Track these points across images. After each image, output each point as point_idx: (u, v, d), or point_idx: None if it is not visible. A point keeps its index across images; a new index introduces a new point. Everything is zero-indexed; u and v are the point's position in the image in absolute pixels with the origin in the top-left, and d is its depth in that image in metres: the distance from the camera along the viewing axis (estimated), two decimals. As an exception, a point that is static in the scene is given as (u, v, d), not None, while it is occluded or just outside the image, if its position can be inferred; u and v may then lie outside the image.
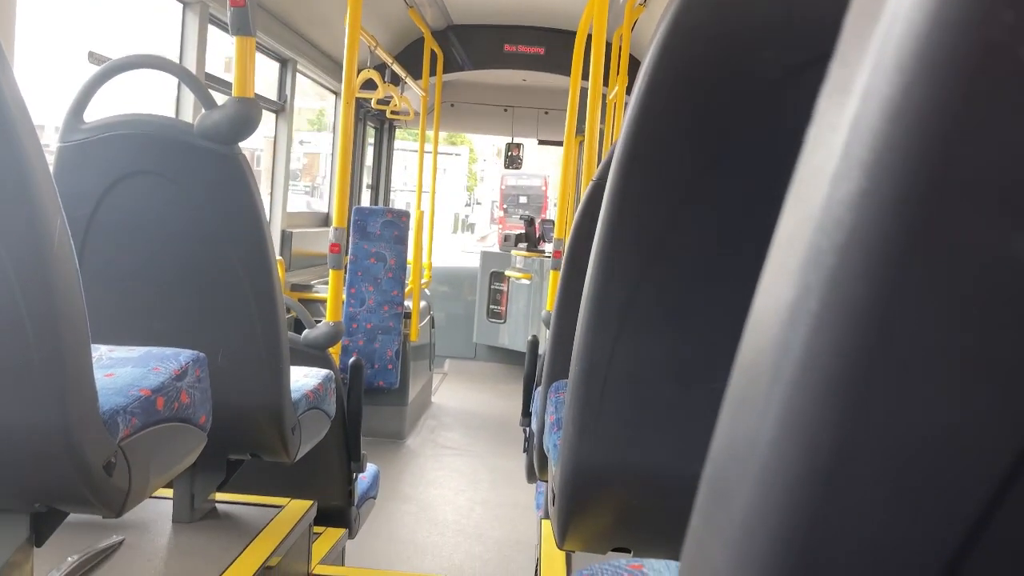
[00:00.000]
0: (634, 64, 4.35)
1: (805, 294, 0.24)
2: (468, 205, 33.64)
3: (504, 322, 6.53)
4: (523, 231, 6.85)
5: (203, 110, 1.86)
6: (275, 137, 4.43)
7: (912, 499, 0.22)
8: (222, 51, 3.60)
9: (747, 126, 0.95)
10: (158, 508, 2.01)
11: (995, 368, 0.21)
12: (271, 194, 4.45)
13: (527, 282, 6.29)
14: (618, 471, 1.12)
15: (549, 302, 3.25)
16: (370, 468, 2.90)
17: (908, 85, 0.20)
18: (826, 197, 0.23)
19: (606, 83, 4.25)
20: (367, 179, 6.21)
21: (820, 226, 0.23)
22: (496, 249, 6.99)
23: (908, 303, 0.22)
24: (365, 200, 6.21)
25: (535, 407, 2.37)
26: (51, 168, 1.81)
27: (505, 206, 21.68)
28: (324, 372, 2.29)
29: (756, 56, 0.93)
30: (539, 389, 2.23)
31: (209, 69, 3.36)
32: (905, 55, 0.20)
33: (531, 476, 2.60)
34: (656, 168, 1.01)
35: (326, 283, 3.38)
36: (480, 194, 34.52)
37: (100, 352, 1.47)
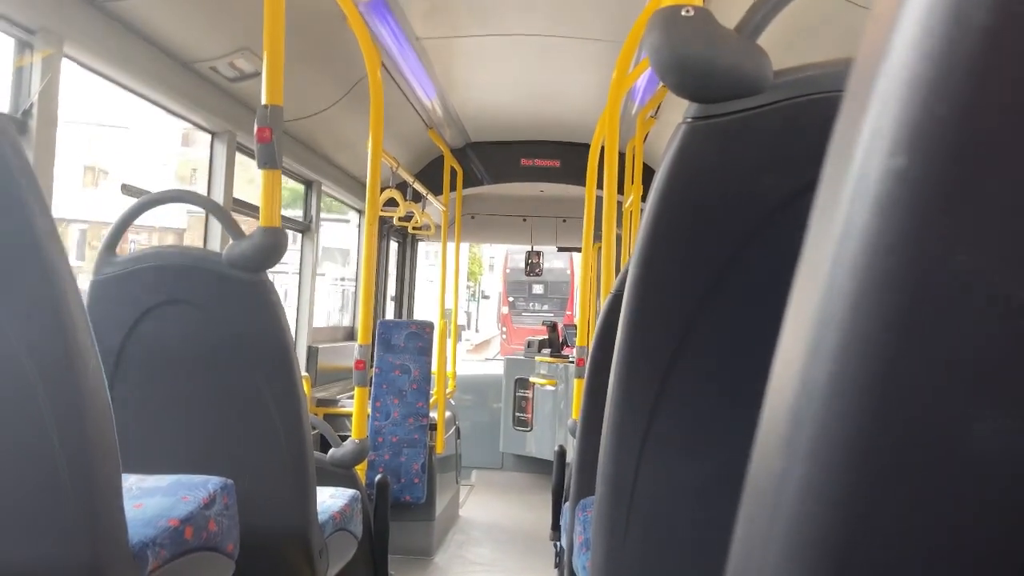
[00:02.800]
0: (647, 172, 4.47)
1: (791, 465, 0.26)
2: (473, 298, 27.30)
3: (530, 430, 6.47)
4: (545, 336, 6.87)
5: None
6: (301, 256, 4.54)
7: None
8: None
9: (752, 249, 0.99)
10: None
11: (968, 540, 0.23)
12: (297, 310, 4.52)
13: (552, 388, 6.26)
14: None
15: (575, 410, 3.24)
16: None
17: (862, 290, 0.23)
18: (802, 376, 0.25)
19: (621, 192, 4.36)
20: (391, 291, 6.31)
21: (797, 403, 0.25)
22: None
23: (882, 473, 0.24)
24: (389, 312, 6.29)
25: (564, 522, 2.34)
26: (84, 302, 1.87)
27: (511, 298, 15.92)
28: (350, 492, 2.28)
29: (756, 182, 0.97)
30: (567, 504, 2.21)
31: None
32: (858, 268, 0.23)
33: None
34: (667, 290, 1.04)
35: (352, 397, 3.40)
36: (488, 285, 27.75)
37: (129, 482, 1.49)
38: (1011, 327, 0.22)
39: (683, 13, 0.96)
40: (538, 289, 15.47)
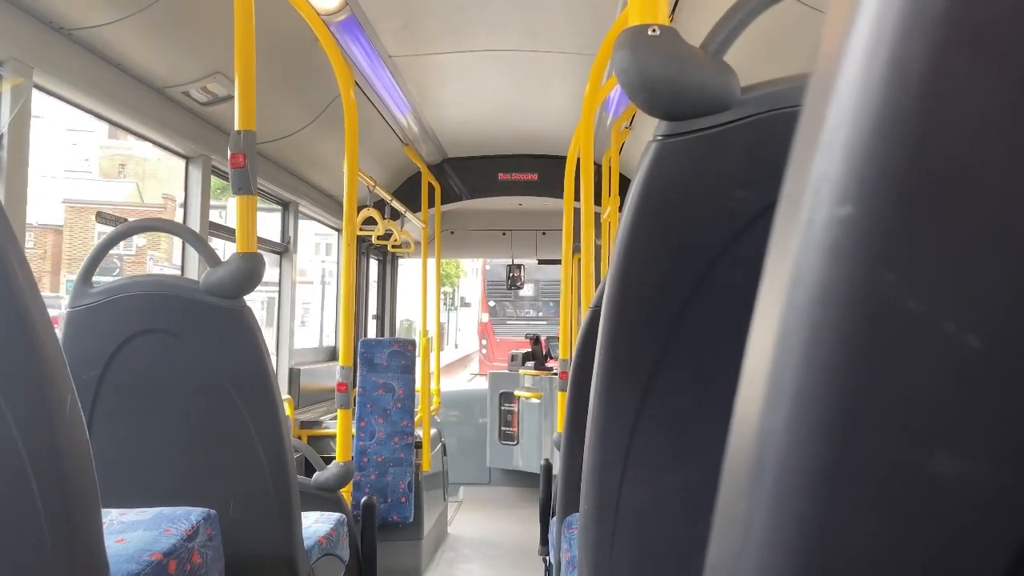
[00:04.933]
0: (624, 183, 4.49)
1: (754, 507, 0.26)
2: (452, 307, 23.28)
3: (517, 443, 6.46)
4: (529, 349, 6.87)
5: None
6: (280, 278, 4.52)
7: None
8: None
9: (727, 261, 0.99)
10: None
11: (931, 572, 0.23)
12: (277, 333, 4.50)
13: (537, 401, 6.25)
14: None
15: (559, 423, 3.24)
16: None
17: (814, 336, 0.23)
18: (761, 422, 0.25)
19: (598, 203, 4.38)
20: (372, 310, 6.29)
21: (760, 448, 0.26)
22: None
23: (842, 516, 0.24)
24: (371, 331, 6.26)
25: (552, 538, 2.33)
26: (60, 333, 1.86)
27: (492, 303, 13.15)
28: (336, 516, 2.26)
29: (728, 196, 0.98)
30: (555, 519, 2.20)
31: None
32: (810, 314, 0.23)
33: None
34: (645, 305, 1.05)
35: (335, 418, 3.38)
36: (467, 291, 23.15)
37: (111, 517, 1.47)
38: (962, 369, 0.22)
39: (650, 33, 0.97)
40: (527, 291, 12.50)
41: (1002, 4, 0.20)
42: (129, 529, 1.41)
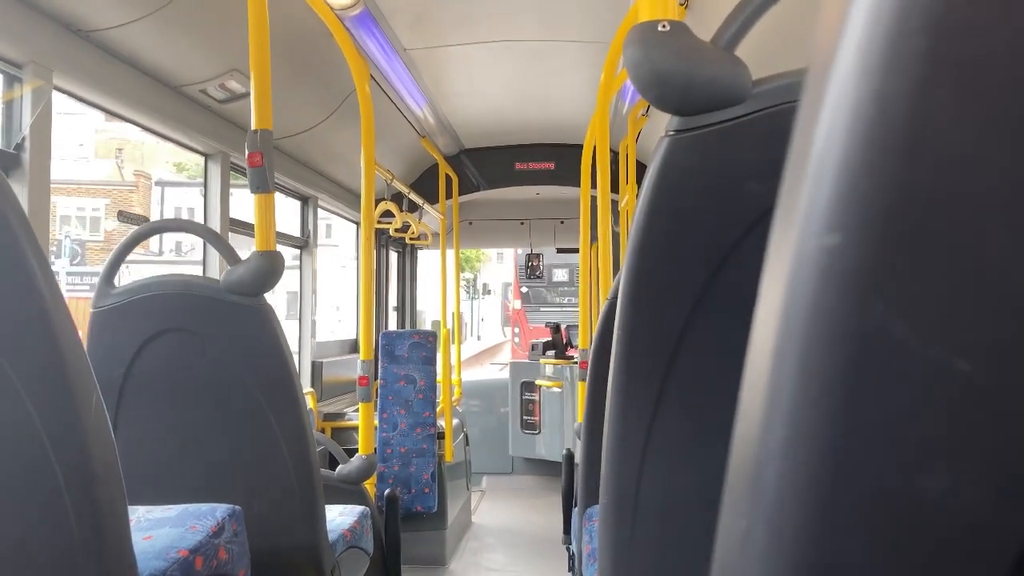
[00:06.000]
0: (641, 170, 4.47)
1: (753, 525, 0.26)
2: (476, 294, 21.78)
3: (539, 432, 6.48)
4: (549, 338, 6.87)
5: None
6: (300, 271, 4.55)
7: None
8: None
9: (741, 254, 0.99)
10: None
11: None
12: (299, 326, 4.53)
13: (559, 390, 6.26)
14: None
15: (580, 412, 3.24)
16: None
17: (807, 356, 0.24)
18: (757, 448, 0.26)
19: (616, 191, 4.37)
20: (392, 302, 6.32)
21: (758, 462, 0.26)
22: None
23: (838, 535, 0.24)
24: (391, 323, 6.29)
25: (574, 528, 2.35)
26: (84, 334, 1.89)
27: (525, 288, 12.79)
28: (360, 508, 2.29)
29: (741, 190, 0.98)
30: (576, 510, 2.22)
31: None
32: (805, 338, 0.24)
33: None
34: (659, 299, 1.05)
35: (359, 410, 3.41)
36: (489, 276, 21.94)
37: (138, 514, 1.50)
38: (951, 392, 0.22)
39: (659, 28, 0.97)
40: (561, 275, 11.80)
41: (983, 41, 0.20)
42: (156, 526, 1.44)
